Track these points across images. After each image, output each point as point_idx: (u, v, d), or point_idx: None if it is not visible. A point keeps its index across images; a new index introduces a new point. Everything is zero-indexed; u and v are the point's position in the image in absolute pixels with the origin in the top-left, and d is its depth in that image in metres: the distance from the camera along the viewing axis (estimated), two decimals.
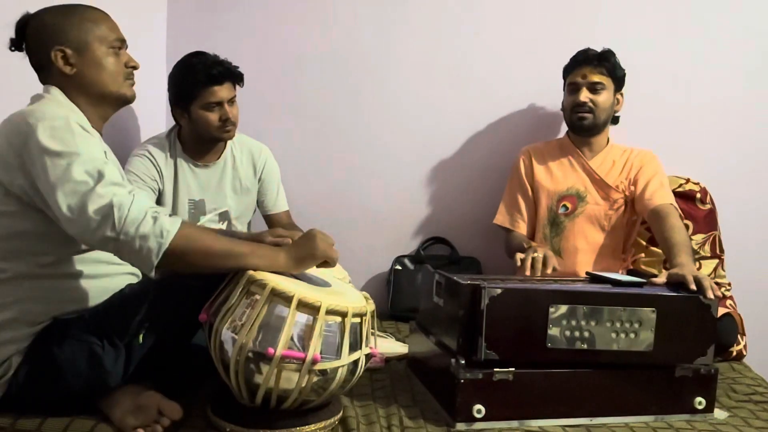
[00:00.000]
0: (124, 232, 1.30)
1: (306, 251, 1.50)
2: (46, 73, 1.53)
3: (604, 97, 2.27)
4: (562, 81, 2.38)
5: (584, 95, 2.25)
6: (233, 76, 2.17)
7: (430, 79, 2.65)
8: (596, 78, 2.25)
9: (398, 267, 2.67)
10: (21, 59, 1.54)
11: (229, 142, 2.30)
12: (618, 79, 2.29)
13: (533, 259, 1.91)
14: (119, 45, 1.57)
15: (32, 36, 1.51)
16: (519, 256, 1.95)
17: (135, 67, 1.60)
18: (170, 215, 1.38)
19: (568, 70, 2.33)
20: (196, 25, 2.65)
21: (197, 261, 1.38)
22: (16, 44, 1.54)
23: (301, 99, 2.68)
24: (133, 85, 1.61)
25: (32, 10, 1.54)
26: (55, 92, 1.50)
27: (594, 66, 2.26)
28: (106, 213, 1.30)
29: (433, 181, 2.70)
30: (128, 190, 1.36)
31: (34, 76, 1.55)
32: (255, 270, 1.41)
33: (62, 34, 1.49)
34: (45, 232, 1.43)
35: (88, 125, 1.48)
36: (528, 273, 1.89)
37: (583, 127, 2.29)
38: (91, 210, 1.31)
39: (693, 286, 1.64)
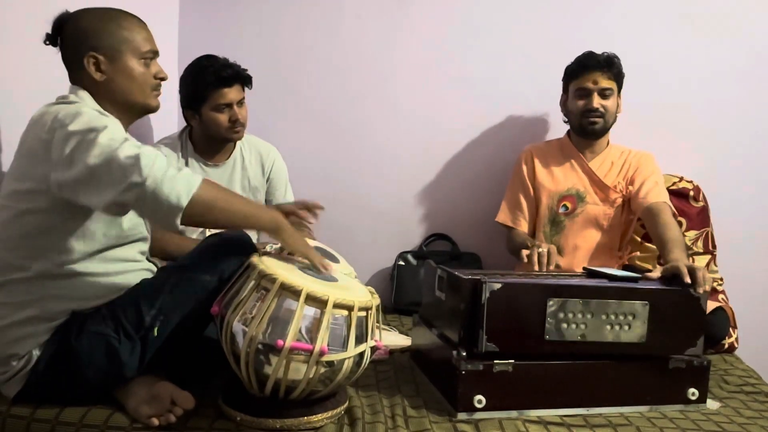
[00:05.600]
0: (152, 177, 1.29)
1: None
2: (76, 74, 1.53)
3: (612, 102, 2.29)
4: (563, 82, 2.38)
5: (597, 101, 2.27)
6: (242, 78, 2.20)
7: (432, 80, 2.68)
8: (606, 83, 2.27)
9: (401, 262, 2.70)
10: (54, 54, 1.55)
11: (238, 143, 2.33)
12: (621, 83, 2.32)
13: (539, 254, 1.94)
14: (151, 56, 1.57)
15: (68, 36, 1.51)
16: (525, 252, 1.97)
17: (164, 79, 1.60)
18: None
19: (576, 74, 2.32)
20: (206, 30, 2.69)
21: (221, 209, 1.40)
22: (51, 40, 1.53)
23: (307, 100, 2.72)
24: (158, 95, 1.61)
25: (71, 9, 1.54)
26: (83, 95, 1.50)
27: (603, 71, 2.27)
28: (133, 162, 1.30)
29: (434, 180, 2.74)
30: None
31: (64, 72, 1.56)
32: (265, 224, 1.49)
33: (97, 40, 1.49)
34: (71, 230, 1.45)
35: None
36: (536, 268, 1.92)
37: (594, 131, 2.31)
38: (119, 161, 1.31)
39: (687, 279, 1.66)
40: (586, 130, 2.32)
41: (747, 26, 2.56)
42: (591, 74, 2.28)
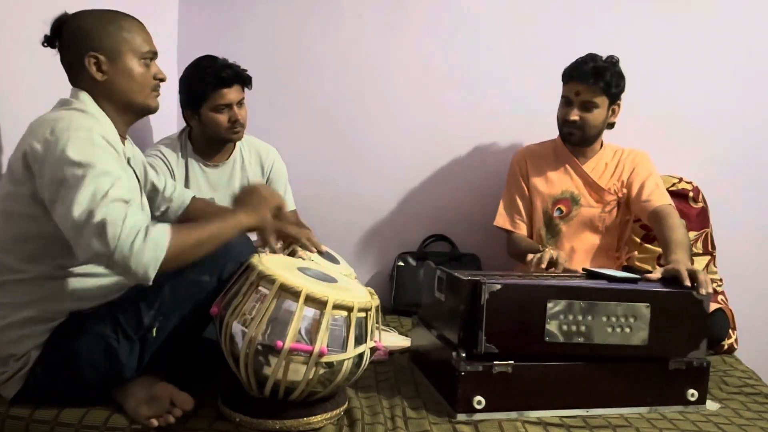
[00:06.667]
0: (119, 250, 1.29)
1: (255, 200, 1.60)
2: (76, 75, 1.53)
3: (596, 115, 2.20)
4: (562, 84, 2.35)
5: (574, 114, 2.20)
6: (242, 78, 2.20)
7: (431, 81, 2.68)
8: (589, 97, 2.18)
9: (401, 263, 2.70)
10: (53, 56, 1.55)
11: (238, 143, 2.33)
12: (612, 94, 2.21)
13: (541, 254, 1.95)
14: (151, 57, 1.57)
15: (68, 37, 1.51)
16: (530, 256, 1.98)
17: (162, 80, 1.61)
18: (156, 224, 1.37)
19: (564, 80, 2.26)
20: (206, 30, 2.69)
21: (191, 256, 1.42)
22: (50, 42, 1.53)
23: (307, 101, 2.72)
24: (158, 96, 1.61)
25: (70, 10, 1.54)
26: (84, 98, 1.50)
27: (589, 84, 2.16)
28: (100, 232, 1.29)
29: (434, 181, 2.74)
30: (126, 208, 1.34)
31: (63, 74, 1.55)
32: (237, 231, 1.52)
33: (98, 41, 1.50)
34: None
35: (113, 135, 1.50)
36: (534, 265, 1.93)
37: (570, 141, 2.29)
38: (90, 227, 1.30)
39: (687, 282, 1.65)
40: (564, 138, 2.31)
41: (748, 26, 2.56)
42: (575, 84, 2.20)
